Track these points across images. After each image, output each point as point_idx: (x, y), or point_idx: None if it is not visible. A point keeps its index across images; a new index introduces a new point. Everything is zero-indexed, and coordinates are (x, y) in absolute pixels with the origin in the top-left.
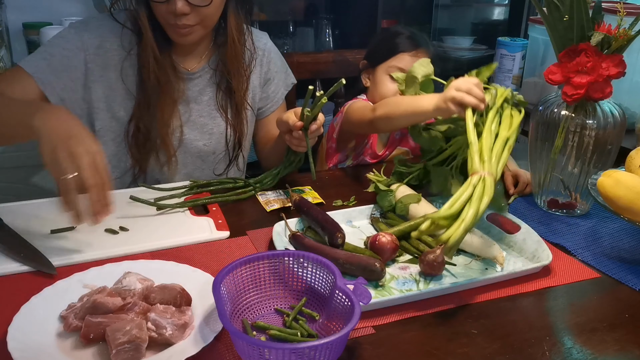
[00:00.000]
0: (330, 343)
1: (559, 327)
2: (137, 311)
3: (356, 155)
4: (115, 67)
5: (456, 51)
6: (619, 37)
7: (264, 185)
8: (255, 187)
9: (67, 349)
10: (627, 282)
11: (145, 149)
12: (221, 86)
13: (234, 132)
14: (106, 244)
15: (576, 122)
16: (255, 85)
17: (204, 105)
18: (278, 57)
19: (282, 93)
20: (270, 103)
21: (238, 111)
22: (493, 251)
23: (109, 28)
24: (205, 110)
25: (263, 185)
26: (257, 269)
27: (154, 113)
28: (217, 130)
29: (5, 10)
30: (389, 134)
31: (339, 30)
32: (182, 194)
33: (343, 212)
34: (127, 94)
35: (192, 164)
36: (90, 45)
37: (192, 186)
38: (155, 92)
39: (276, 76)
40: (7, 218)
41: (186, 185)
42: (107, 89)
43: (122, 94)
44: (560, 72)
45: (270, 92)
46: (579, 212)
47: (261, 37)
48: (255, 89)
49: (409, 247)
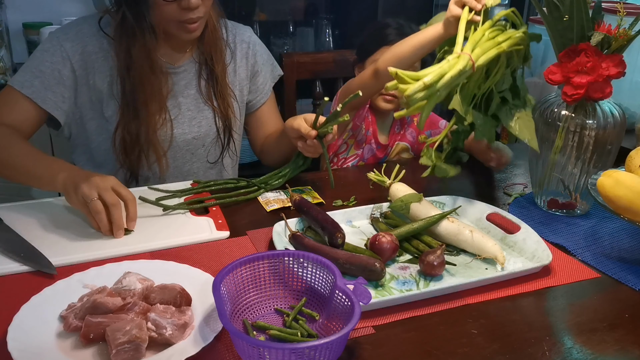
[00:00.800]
0: (330, 343)
1: (558, 327)
2: (137, 311)
3: (358, 144)
4: (99, 69)
5: None
6: (619, 37)
7: (270, 187)
8: (260, 187)
9: (67, 349)
10: (627, 282)
11: (134, 154)
12: (204, 75)
13: (223, 118)
14: (106, 244)
15: (576, 122)
16: (243, 77)
17: (191, 99)
18: (264, 50)
19: (270, 85)
20: (260, 95)
21: (223, 97)
22: (493, 251)
23: (88, 32)
24: (192, 104)
25: (269, 186)
26: (257, 269)
27: (141, 116)
28: (205, 122)
29: (5, 10)
30: (390, 123)
31: (339, 30)
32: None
33: (343, 212)
34: (111, 95)
35: (181, 157)
36: (74, 53)
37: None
38: (142, 92)
39: (263, 68)
40: (7, 218)
41: (191, 188)
42: (94, 92)
43: (107, 94)
44: (560, 72)
45: (259, 84)
46: (579, 212)
47: (245, 30)
48: (243, 82)
49: (409, 247)
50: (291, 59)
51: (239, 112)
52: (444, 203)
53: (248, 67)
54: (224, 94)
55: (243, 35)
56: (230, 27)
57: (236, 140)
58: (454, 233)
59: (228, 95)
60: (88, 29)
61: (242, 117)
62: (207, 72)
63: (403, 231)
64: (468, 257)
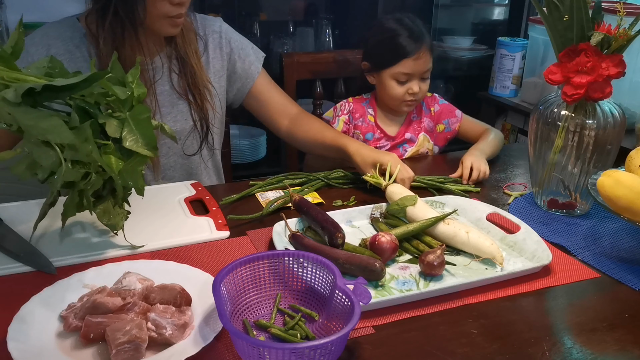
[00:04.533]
0: (330, 343)
1: (558, 327)
2: (137, 311)
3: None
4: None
5: (456, 51)
6: (618, 37)
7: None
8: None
9: (67, 349)
10: (627, 282)
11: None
12: (175, 69)
13: (199, 111)
14: (106, 244)
15: (576, 122)
16: (218, 68)
17: (165, 95)
18: (237, 36)
19: (256, 65)
20: (249, 78)
21: (199, 90)
22: (491, 251)
23: (54, 35)
24: (166, 99)
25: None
26: (257, 269)
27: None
28: (180, 116)
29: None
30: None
31: (339, 30)
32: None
33: (343, 212)
34: None
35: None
36: (39, 56)
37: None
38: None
39: (241, 53)
40: (7, 218)
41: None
42: None
43: None
44: (560, 72)
45: (245, 67)
46: (578, 212)
47: (214, 21)
48: (218, 73)
49: (409, 247)
50: (291, 59)
51: (219, 104)
52: (444, 203)
53: (223, 57)
54: (199, 86)
55: (213, 25)
56: (200, 19)
57: (215, 134)
58: (451, 236)
59: (204, 88)
60: (54, 32)
61: (222, 109)
62: (178, 66)
63: (399, 233)
64: (468, 257)
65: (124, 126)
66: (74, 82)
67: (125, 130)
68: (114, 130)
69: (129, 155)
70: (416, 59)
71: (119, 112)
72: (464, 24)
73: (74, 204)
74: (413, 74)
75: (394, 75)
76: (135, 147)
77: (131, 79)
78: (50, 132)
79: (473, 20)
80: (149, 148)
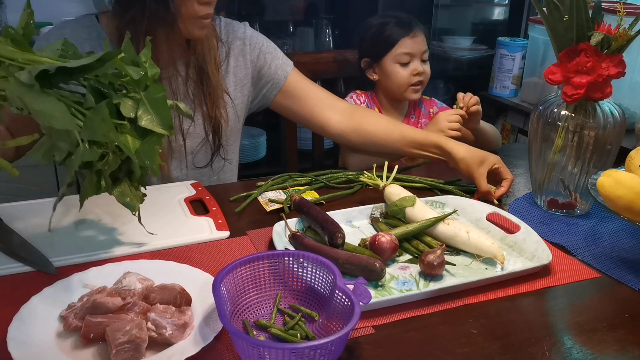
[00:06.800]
0: (329, 343)
1: (558, 327)
2: (137, 311)
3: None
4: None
5: (456, 51)
6: (618, 37)
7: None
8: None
9: (67, 349)
10: (627, 282)
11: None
12: (192, 77)
13: (212, 123)
14: (106, 244)
15: (576, 122)
16: (241, 77)
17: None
18: (262, 39)
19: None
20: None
21: (213, 101)
22: (492, 250)
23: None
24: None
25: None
26: (257, 269)
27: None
28: (192, 129)
29: (5, 10)
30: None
31: (339, 30)
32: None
33: (343, 212)
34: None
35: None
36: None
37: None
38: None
39: (268, 56)
40: (7, 218)
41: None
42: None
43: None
44: (560, 72)
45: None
46: (578, 212)
47: (239, 26)
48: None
49: (409, 247)
50: (291, 59)
51: (235, 115)
52: (444, 203)
53: (247, 64)
54: (214, 97)
55: (237, 32)
56: (224, 24)
57: (229, 145)
58: (451, 236)
59: (219, 98)
60: (70, 34)
61: (239, 120)
62: (195, 74)
63: (399, 233)
64: (468, 257)
65: (139, 106)
66: (87, 62)
67: (141, 110)
68: (129, 110)
69: (144, 135)
70: (413, 37)
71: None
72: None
73: (93, 184)
74: (413, 53)
75: (396, 58)
76: (151, 125)
77: (144, 59)
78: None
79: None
80: (164, 127)
